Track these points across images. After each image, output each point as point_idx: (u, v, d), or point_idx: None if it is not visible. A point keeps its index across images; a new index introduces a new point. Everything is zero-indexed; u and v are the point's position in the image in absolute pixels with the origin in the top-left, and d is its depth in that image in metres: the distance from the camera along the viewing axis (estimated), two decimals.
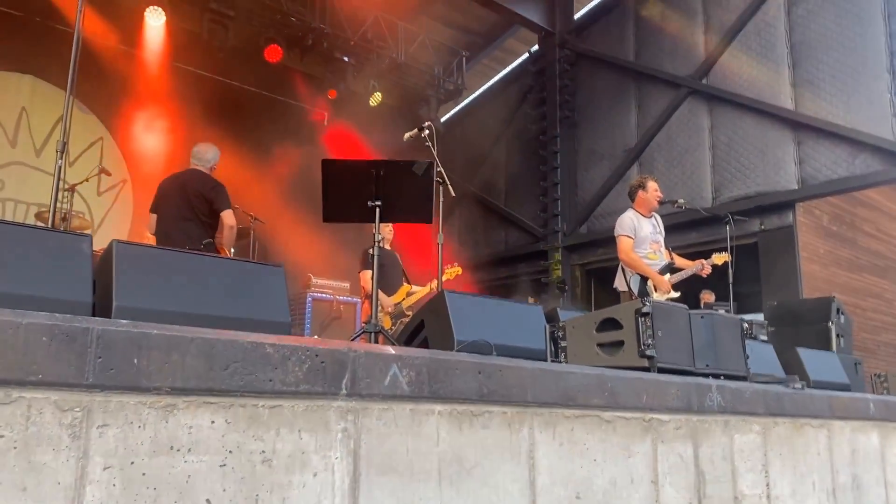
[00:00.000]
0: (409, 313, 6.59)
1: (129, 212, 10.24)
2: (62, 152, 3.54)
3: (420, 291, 6.86)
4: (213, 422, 1.92)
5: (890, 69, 8.82)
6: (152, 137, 10.04)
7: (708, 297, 9.47)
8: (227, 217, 5.70)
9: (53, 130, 9.58)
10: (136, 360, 1.80)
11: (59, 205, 7.13)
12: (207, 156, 5.86)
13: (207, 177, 5.78)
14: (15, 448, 1.63)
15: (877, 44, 8.95)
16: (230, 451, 1.93)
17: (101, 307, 2.63)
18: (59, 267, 2.59)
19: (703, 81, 10.75)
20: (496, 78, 14.50)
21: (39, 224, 7.71)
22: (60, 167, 3.49)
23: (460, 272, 7.01)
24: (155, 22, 9.60)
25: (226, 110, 10.32)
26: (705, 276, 6.35)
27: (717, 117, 10.64)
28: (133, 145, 10.21)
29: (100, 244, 3.05)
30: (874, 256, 11.59)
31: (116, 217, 10.13)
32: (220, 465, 1.91)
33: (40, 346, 1.68)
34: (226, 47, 9.96)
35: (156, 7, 9.52)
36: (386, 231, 7.10)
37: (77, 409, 1.72)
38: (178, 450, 1.85)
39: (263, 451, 1.99)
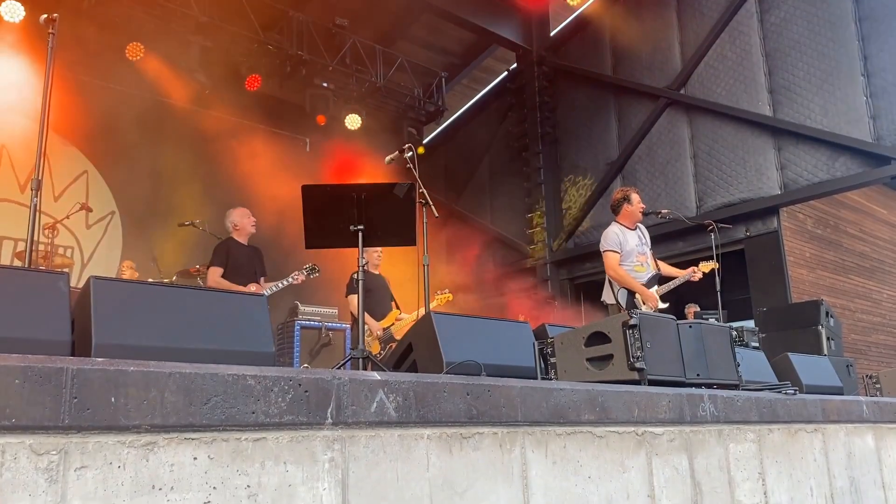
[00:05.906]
0: (399, 338, 6.53)
1: (119, 244, 10.19)
2: (37, 190, 3.51)
3: (408, 319, 6.76)
4: (195, 458, 1.87)
5: (864, 72, 8.91)
6: (136, 169, 10.02)
7: (693, 309, 9.46)
8: (208, 273, 6.39)
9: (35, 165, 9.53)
10: (113, 399, 1.76)
11: (43, 241, 7.11)
12: (226, 221, 6.66)
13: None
14: None
15: (850, 48, 9.05)
16: (214, 488, 1.88)
17: (81, 345, 2.59)
18: (36, 306, 2.55)
19: (681, 91, 10.83)
20: (476, 97, 14.57)
21: (15, 264, 7.66)
22: (36, 205, 3.45)
23: (451, 298, 6.87)
24: (134, 56, 9.63)
25: (207, 140, 10.34)
26: (696, 280, 6.37)
27: (696, 127, 10.70)
28: (118, 177, 10.18)
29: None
30: (859, 258, 11.66)
31: (106, 249, 10.08)
32: (205, 502, 1.86)
33: (13, 388, 1.63)
34: (206, 77, 9.97)
35: (136, 43, 9.54)
36: (374, 255, 7.04)
37: (53, 452, 1.67)
38: (161, 488, 1.80)
39: (249, 486, 1.94)
